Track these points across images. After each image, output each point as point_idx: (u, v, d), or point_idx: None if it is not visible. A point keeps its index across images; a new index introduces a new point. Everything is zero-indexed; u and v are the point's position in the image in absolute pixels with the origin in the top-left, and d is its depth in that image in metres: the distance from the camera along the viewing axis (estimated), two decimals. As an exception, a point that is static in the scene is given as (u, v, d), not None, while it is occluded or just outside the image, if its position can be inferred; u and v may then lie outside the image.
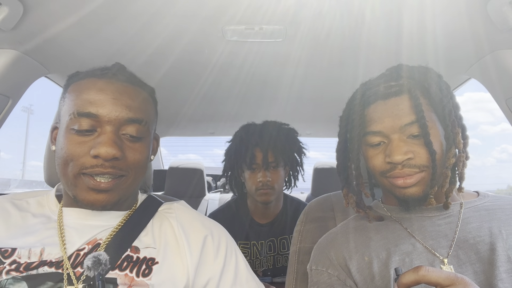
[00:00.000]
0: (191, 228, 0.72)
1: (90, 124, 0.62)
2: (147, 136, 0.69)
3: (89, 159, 0.60)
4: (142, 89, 0.70)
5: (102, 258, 0.58)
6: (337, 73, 1.15)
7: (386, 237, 0.72)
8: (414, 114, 0.67)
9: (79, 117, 0.62)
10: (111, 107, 0.62)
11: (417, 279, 0.48)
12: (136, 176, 0.66)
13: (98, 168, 0.60)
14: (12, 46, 0.90)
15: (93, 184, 0.61)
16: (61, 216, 0.67)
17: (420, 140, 0.67)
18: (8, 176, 42.46)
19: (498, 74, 0.94)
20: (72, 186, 0.62)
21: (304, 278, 0.84)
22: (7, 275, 0.57)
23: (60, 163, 0.62)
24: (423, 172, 0.66)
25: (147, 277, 0.62)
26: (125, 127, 0.64)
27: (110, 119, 0.62)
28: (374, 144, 0.71)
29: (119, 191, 0.64)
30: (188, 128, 1.99)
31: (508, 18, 0.75)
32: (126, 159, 0.63)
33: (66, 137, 0.62)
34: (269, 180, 1.28)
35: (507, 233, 0.65)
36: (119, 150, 0.61)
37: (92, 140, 0.61)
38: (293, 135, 1.41)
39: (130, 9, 0.79)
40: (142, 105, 0.68)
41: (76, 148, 0.61)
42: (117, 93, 0.64)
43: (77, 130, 0.61)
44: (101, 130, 0.62)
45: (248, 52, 1.01)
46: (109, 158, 0.60)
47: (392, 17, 0.81)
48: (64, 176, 0.63)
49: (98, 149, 0.59)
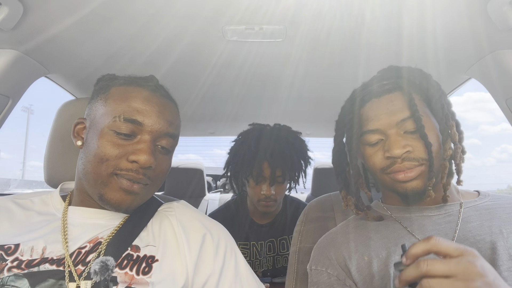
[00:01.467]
0: (191, 226, 0.72)
1: (132, 130, 0.65)
2: (173, 150, 0.73)
3: (125, 162, 0.63)
4: (176, 105, 0.75)
5: (110, 263, 0.59)
6: (337, 73, 1.15)
7: (386, 236, 0.72)
8: (408, 109, 0.69)
9: (125, 122, 0.65)
10: (155, 119, 0.66)
11: (427, 248, 0.48)
12: (157, 185, 0.70)
13: (132, 173, 0.63)
14: (12, 46, 0.90)
15: (127, 185, 0.63)
16: (66, 214, 0.68)
17: (416, 135, 0.68)
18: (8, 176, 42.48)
19: (498, 74, 0.94)
20: (102, 184, 0.64)
21: (304, 278, 0.84)
22: (8, 272, 0.58)
23: (93, 161, 0.64)
24: (423, 166, 0.67)
25: (147, 275, 0.62)
26: (161, 139, 0.68)
27: (152, 129, 0.66)
28: (373, 143, 0.72)
29: (144, 197, 0.68)
30: (188, 128, 1.99)
31: (508, 18, 0.75)
32: (155, 169, 0.66)
33: (104, 137, 0.64)
34: (273, 194, 1.27)
35: (507, 232, 0.65)
36: (155, 160, 0.65)
37: (130, 145, 0.64)
38: (303, 147, 1.39)
39: (130, 9, 0.79)
40: (177, 122, 0.73)
41: (115, 149, 0.63)
42: (161, 106, 0.69)
43: (118, 132, 0.64)
44: (141, 137, 0.66)
45: (248, 52, 1.01)
46: (146, 166, 0.63)
47: (392, 17, 0.81)
48: (94, 173, 0.64)
49: (138, 155, 0.63)
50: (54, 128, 0.86)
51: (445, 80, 1.14)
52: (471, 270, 0.44)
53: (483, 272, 0.44)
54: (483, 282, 0.43)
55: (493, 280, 0.44)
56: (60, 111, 0.88)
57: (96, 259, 0.60)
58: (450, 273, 0.45)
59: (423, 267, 0.46)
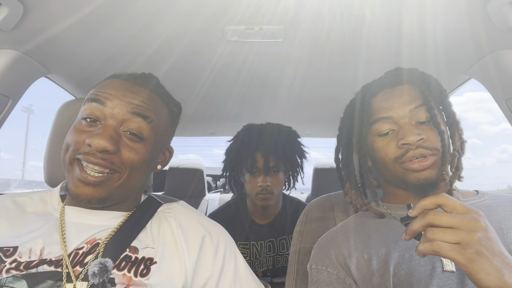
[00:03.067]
0: (190, 227, 0.72)
1: (95, 115, 0.65)
2: (150, 138, 0.68)
3: (84, 146, 0.63)
4: (162, 100, 0.72)
5: (109, 265, 0.58)
6: (337, 73, 1.15)
7: (386, 234, 0.72)
8: (421, 99, 0.71)
9: (90, 102, 0.65)
10: (117, 101, 0.65)
11: (436, 200, 0.50)
12: (131, 175, 0.66)
13: (90, 156, 0.62)
14: (12, 46, 0.90)
15: (82, 176, 0.62)
16: (63, 214, 0.68)
17: (428, 125, 0.70)
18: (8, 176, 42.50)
19: (498, 74, 0.94)
20: (67, 173, 0.65)
21: (304, 278, 0.84)
22: (7, 273, 0.57)
23: (63, 150, 0.65)
24: (435, 155, 0.69)
25: (145, 277, 0.61)
26: (128, 122, 0.65)
27: (113, 113, 0.65)
28: (383, 133, 0.73)
29: (109, 188, 0.64)
30: (188, 128, 1.99)
31: (508, 18, 0.75)
32: (121, 155, 0.64)
33: (74, 127, 0.66)
34: (269, 185, 1.28)
35: (507, 228, 0.66)
36: (112, 144, 0.62)
37: (93, 131, 0.64)
38: (295, 138, 1.40)
39: (130, 9, 0.79)
40: (150, 107, 0.68)
41: (78, 136, 0.64)
42: (128, 91, 0.67)
43: (83, 118, 0.65)
44: (105, 123, 0.65)
45: (248, 52, 1.01)
46: (99, 149, 0.61)
47: (392, 18, 0.81)
48: (63, 162, 0.65)
49: (92, 139, 0.61)
50: (54, 128, 0.86)
51: (445, 80, 1.14)
52: (475, 224, 0.47)
53: (486, 227, 0.47)
54: (484, 236, 0.46)
55: (493, 237, 0.47)
56: (60, 111, 0.88)
57: (95, 260, 0.59)
58: (455, 224, 0.47)
59: (429, 217, 0.49)
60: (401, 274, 0.65)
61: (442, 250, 0.46)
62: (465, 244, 0.46)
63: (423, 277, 0.63)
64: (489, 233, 0.47)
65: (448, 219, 0.48)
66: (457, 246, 0.46)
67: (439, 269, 0.64)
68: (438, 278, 0.62)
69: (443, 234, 0.47)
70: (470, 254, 0.45)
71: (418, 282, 0.63)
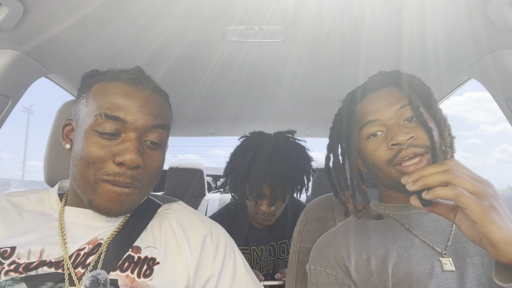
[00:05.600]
0: (191, 228, 0.72)
1: (115, 128, 0.62)
2: (165, 143, 0.69)
3: (112, 166, 0.61)
4: (163, 96, 0.72)
5: (101, 277, 0.57)
6: (337, 73, 1.15)
7: (384, 234, 0.72)
8: (405, 99, 0.72)
9: (106, 119, 0.62)
10: (138, 115, 0.63)
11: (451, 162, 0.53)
12: (150, 186, 0.68)
13: (120, 177, 0.61)
14: (12, 46, 0.90)
15: (110, 197, 0.61)
16: (63, 215, 0.67)
17: (415, 122, 0.71)
18: (8, 176, 42.46)
19: (498, 74, 0.94)
20: (90, 190, 0.62)
21: (304, 278, 0.84)
22: (6, 276, 0.56)
23: (80, 164, 0.62)
24: (428, 154, 0.69)
25: (148, 278, 0.61)
26: (149, 134, 0.65)
27: (136, 126, 0.63)
28: (372, 133, 0.73)
29: (134, 200, 0.66)
30: (188, 128, 1.98)
31: (508, 18, 0.75)
32: (145, 167, 0.64)
33: (88, 138, 0.62)
34: (272, 210, 1.24)
35: None
36: (141, 157, 0.62)
37: (115, 145, 0.62)
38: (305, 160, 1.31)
39: (130, 9, 0.79)
40: (165, 112, 0.69)
41: (100, 152, 0.61)
42: (144, 100, 0.65)
43: (101, 132, 0.61)
44: (126, 136, 0.63)
45: (248, 52, 1.01)
46: (133, 166, 0.61)
47: (392, 18, 0.81)
48: (83, 178, 0.62)
49: (123, 156, 0.60)
50: (54, 128, 0.86)
51: (445, 80, 1.14)
52: (488, 183, 0.51)
53: (496, 192, 0.51)
54: (496, 196, 0.50)
55: (502, 202, 0.50)
56: (60, 111, 0.88)
57: (87, 273, 0.58)
58: (472, 177, 0.51)
59: (451, 163, 0.52)
60: (400, 274, 0.65)
61: (461, 196, 0.48)
62: (481, 195, 0.48)
63: (422, 276, 0.63)
64: (499, 197, 0.50)
65: (467, 170, 0.51)
66: (474, 196, 0.48)
67: (438, 269, 0.64)
68: (437, 278, 0.63)
69: (464, 180, 0.49)
70: (485, 206, 0.47)
71: (417, 282, 0.63)
